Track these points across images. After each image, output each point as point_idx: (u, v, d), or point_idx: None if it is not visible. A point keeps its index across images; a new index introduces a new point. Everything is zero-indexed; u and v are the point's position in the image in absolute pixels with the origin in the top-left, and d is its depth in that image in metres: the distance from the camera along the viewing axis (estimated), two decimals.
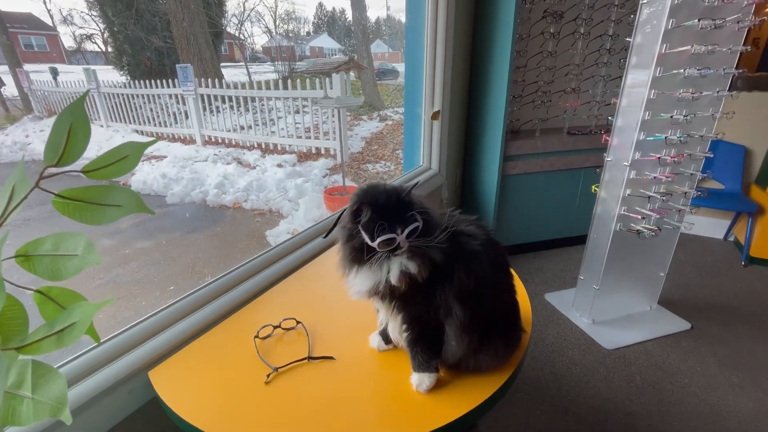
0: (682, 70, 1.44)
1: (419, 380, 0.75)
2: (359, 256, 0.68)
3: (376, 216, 0.65)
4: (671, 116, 1.50)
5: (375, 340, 0.86)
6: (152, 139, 0.56)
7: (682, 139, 1.52)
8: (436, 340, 0.74)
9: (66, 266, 0.34)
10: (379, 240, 0.64)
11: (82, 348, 0.82)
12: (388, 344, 0.85)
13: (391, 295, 0.70)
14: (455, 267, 0.70)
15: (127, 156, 0.38)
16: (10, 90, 6.99)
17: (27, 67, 7.26)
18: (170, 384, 0.79)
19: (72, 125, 0.39)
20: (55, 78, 6.75)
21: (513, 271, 0.83)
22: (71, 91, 6.15)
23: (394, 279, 0.67)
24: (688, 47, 1.41)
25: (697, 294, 2.13)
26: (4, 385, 0.23)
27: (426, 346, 0.75)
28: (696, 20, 1.38)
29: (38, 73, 7.08)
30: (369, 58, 7.97)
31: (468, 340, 0.72)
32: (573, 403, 1.48)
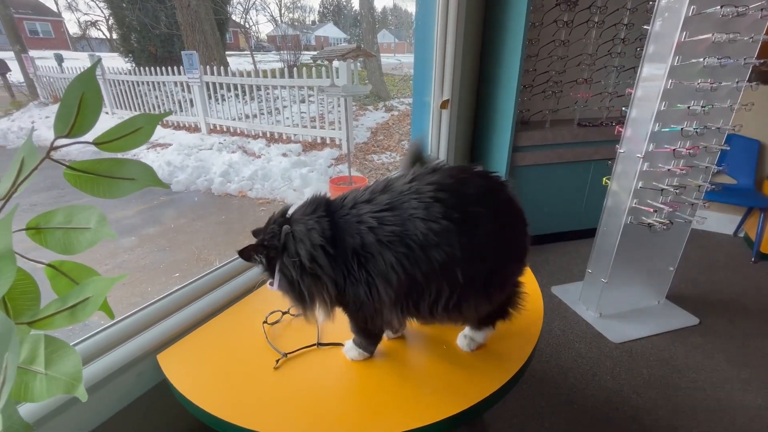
0: (701, 60, 1.40)
1: (350, 350, 0.80)
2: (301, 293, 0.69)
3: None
4: (688, 107, 1.46)
5: None
6: (166, 111, 0.54)
7: (698, 130, 1.49)
8: (376, 335, 0.78)
9: (79, 240, 0.32)
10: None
11: (91, 330, 0.82)
12: (395, 333, 0.84)
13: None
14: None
15: (140, 128, 0.37)
16: (16, 76, 6.97)
17: (32, 53, 7.23)
18: (179, 367, 0.79)
19: (83, 95, 0.38)
20: (60, 64, 6.72)
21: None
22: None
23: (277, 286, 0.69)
24: (709, 35, 1.37)
25: (706, 289, 2.11)
26: (17, 359, 0.22)
27: (365, 337, 0.78)
28: (718, 7, 1.33)
29: (43, 59, 7.06)
30: (376, 47, 7.88)
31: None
32: (579, 396, 1.47)
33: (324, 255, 0.65)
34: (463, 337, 0.82)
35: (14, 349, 0.22)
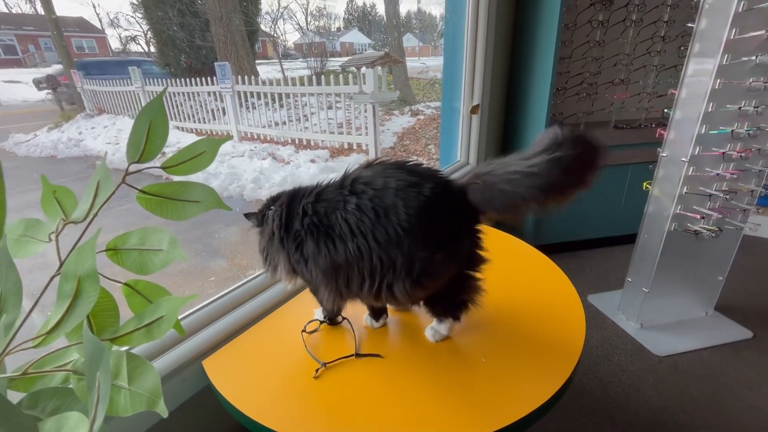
0: (753, 57, 1.32)
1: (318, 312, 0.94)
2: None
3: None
4: (739, 107, 1.38)
5: (367, 320, 0.93)
6: (226, 136, 0.56)
7: (750, 132, 1.40)
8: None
9: (152, 261, 0.34)
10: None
11: None
12: (378, 321, 0.91)
13: None
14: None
15: (203, 152, 0.39)
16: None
17: None
18: (222, 373, 0.81)
19: (152, 122, 0.40)
20: None
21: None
22: (118, 90, 6.50)
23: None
24: (762, 32, 1.29)
25: (760, 300, 1.97)
26: (110, 378, 0.24)
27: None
28: None
29: None
30: (401, 52, 7.90)
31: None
32: (620, 411, 1.41)
33: (278, 236, 0.78)
34: (430, 329, 0.88)
35: (106, 369, 0.23)
